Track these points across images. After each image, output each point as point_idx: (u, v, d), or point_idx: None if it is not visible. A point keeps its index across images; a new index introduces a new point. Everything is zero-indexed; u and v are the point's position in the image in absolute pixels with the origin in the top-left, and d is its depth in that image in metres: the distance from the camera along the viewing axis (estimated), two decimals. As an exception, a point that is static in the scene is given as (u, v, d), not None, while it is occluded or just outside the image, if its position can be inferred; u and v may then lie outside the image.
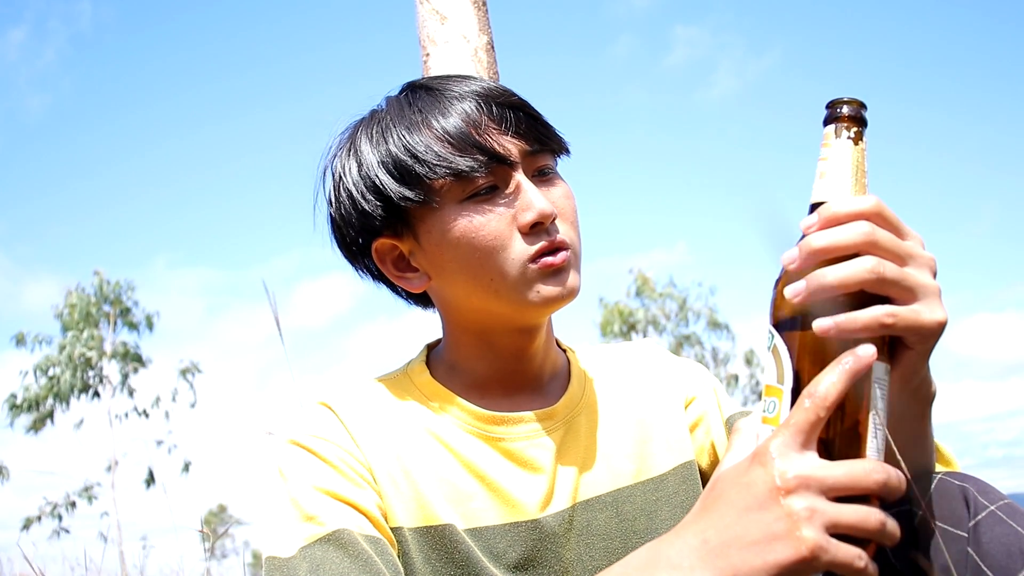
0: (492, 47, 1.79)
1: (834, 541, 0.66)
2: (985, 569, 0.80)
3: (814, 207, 0.73)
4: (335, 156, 1.06)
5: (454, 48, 1.76)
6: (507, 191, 0.97)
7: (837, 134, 0.73)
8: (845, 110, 0.74)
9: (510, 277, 0.96)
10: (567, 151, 1.05)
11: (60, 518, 10.44)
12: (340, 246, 1.07)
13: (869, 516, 0.67)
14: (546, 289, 0.96)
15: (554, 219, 0.97)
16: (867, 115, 0.74)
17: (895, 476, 0.68)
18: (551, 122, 1.03)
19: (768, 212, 0.76)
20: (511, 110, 0.99)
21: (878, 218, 0.71)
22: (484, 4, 1.82)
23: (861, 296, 0.70)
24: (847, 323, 0.69)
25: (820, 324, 0.69)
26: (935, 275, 0.73)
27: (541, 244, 0.96)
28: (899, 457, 0.72)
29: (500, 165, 0.96)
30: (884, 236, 0.70)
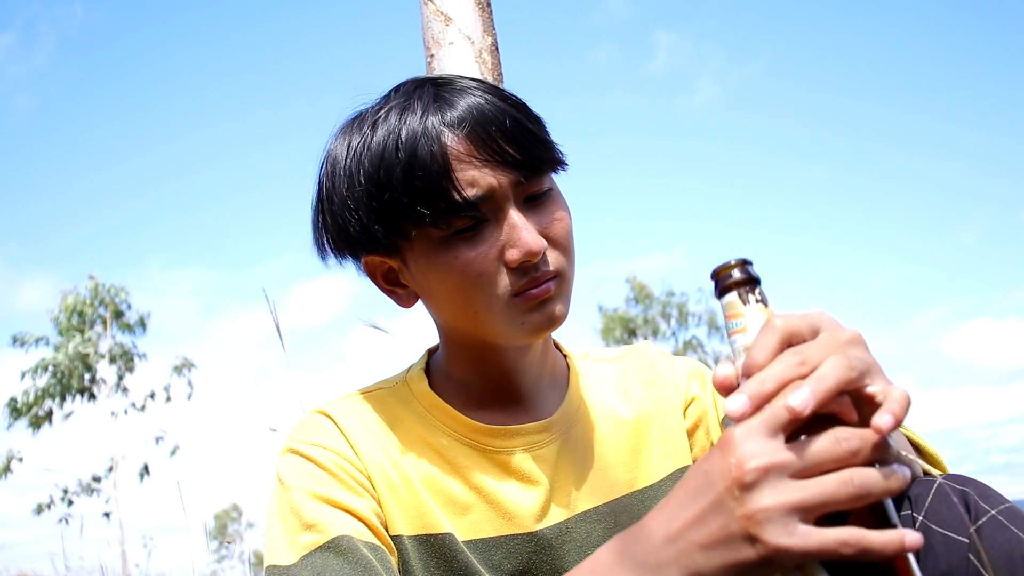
0: (496, 48, 1.79)
1: (802, 529, 0.61)
2: (986, 574, 0.79)
3: None
4: (323, 167, 1.01)
5: (458, 49, 1.75)
6: (495, 225, 0.94)
7: (744, 301, 0.71)
8: (738, 274, 0.71)
9: (494, 310, 0.94)
10: (564, 166, 1.00)
11: (71, 503, 10.46)
12: (331, 254, 1.03)
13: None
14: (530, 319, 0.95)
15: (544, 252, 0.94)
16: (755, 269, 0.72)
17: (870, 438, 0.62)
18: (549, 134, 0.98)
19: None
20: (503, 136, 0.93)
21: (789, 342, 0.67)
22: (488, 5, 1.82)
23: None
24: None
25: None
26: (866, 348, 0.68)
27: (527, 281, 0.93)
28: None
29: (475, 215, 0.92)
30: (801, 357, 0.65)
